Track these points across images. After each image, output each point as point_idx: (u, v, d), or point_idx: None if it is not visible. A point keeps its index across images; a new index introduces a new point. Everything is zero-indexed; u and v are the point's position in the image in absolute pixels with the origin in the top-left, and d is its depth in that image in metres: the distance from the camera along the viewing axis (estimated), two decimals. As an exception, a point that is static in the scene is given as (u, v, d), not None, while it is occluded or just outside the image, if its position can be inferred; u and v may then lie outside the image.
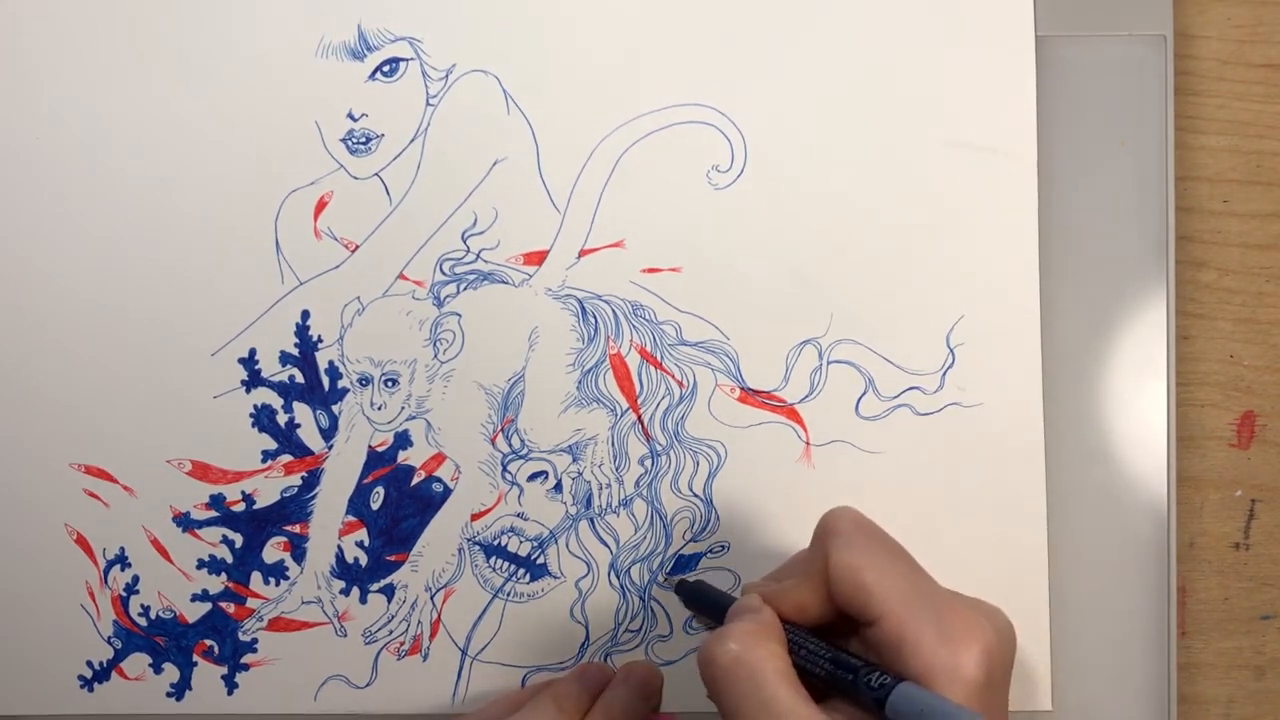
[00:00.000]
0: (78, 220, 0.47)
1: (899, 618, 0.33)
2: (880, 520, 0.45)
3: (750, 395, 0.46)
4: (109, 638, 0.47)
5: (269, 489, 0.47)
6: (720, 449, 0.46)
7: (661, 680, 0.44)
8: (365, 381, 0.46)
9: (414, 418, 0.46)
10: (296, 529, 0.47)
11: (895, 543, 0.36)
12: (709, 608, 0.40)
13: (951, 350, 0.45)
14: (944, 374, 0.45)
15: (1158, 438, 0.46)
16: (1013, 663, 0.34)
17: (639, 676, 0.43)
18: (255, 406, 0.47)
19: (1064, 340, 0.46)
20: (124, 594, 0.47)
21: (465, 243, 0.46)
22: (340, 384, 0.47)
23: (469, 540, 0.46)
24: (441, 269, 0.46)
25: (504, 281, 0.46)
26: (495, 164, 0.46)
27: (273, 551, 0.47)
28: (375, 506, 0.47)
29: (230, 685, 0.47)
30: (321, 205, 0.46)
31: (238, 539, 0.47)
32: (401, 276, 0.46)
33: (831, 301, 0.46)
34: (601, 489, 0.46)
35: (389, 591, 0.47)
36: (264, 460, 0.47)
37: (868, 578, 0.34)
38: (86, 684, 0.47)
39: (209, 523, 0.47)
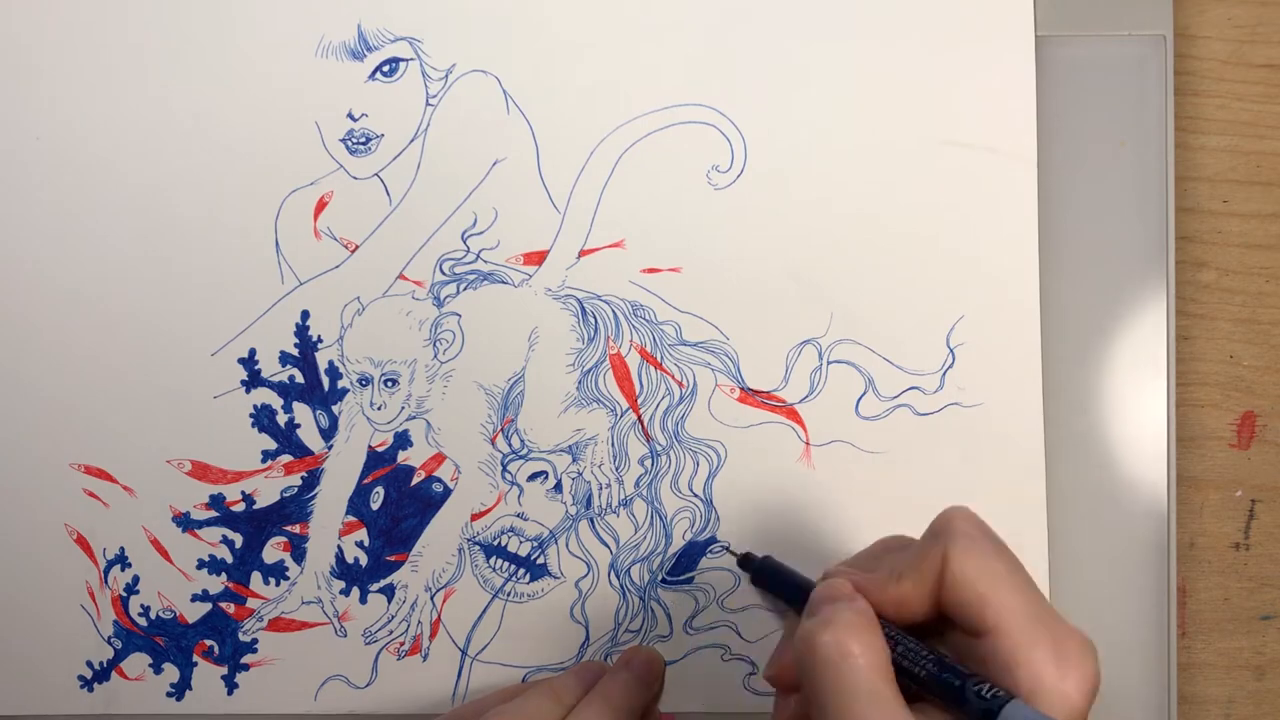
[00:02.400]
0: (78, 220, 0.47)
1: (1017, 633, 0.32)
2: (880, 520, 0.46)
3: (750, 395, 0.46)
4: (109, 638, 0.47)
5: (269, 489, 0.47)
6: (720, 449, 0.46)
7: (663, 665, 0.43)
8: (365, 381, 0.46)
9: (414, 418, 0.46)
10: (296, 529, 0.47)
11: (1013, 554, 0.34)
12: (782, 587, 0.39)
13: (951, 350, 0.45)
14: (944, 374, 0.45)
15: (1158, 438, 0.46)
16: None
17: (639, 662, 0.42)
18: (255, 406, 0.47)
19: (1064, 340, 0.46)
20: (124, 594, 0.47)
21: (465, 243, 0.46)
22: (340, 384, 0.47)
23: (469, 540, 0.46)
24: (441, 269, 0.46)
25: (504, 281, 0.46)
26: (495, 164, 0.46)
27: (273, 551, 0.47)
28: (375, 506, 0.47)
29: (230, 685, 0.47)
30: (321, 205, 0.46)
31: (238, 539, 0.47)
32: (401, 276, 0.46)
33: (831, 301, 0.46)
34: (601, 489, 0.46)
35: (389, 591, 0.47)
36: (264, 460, 0.47)
37: (990, 586, 0.32)
38: (86, 684, 0.47)
39: (209, 523, 0.47)
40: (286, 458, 0.47)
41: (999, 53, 0.45)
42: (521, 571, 0.46)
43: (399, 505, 0.47)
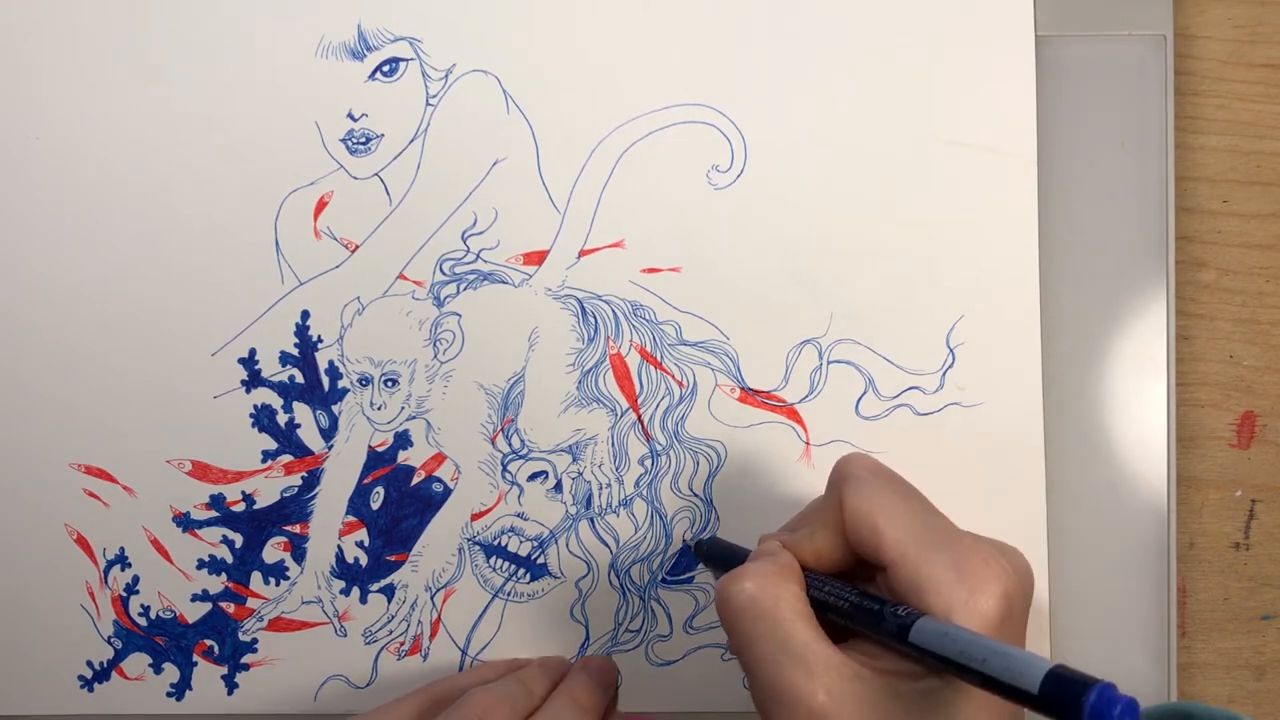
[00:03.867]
0: (78, 220, 0.47)
1: (914, 560, 0.33)
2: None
3: (750, 395, 0.46)
4: (109, 638, 0.47)
5: (269, 489, 0.47)
6: (720, 449, 0.46)
7: (616, 672, 0.45)
8: (365, 381, 0.46)
9: (414, 418, 0.46)
10: (296, 529, 0.47)
11: (910, 486, 0.36)
12: (726, 561, 0.40)
13: (951, 350, 0.45)
14: (944, 374, 0.45)
15: (1158, 438, 0.46)
16: (1030, 602, 0.34)
17: (596, 666, 0.44)
18: (255, 406, 0.47)
19: (1064, 340, 0.46)
20: (124, 594, 0.47)
21: (465, 243, 0.46)
22: (340, 384, 0.47)
23: (469, 540, 0.47)
24: (441, 269, 0.46)
25: (504, 281, 0.46)
26: (495, 164, 0.46)
27: (273, 551, 0.47)
28: (375, 506, 0.47)
29: (230, 685, 0.47)
30: (321, 205, 0.46)
31: (238, 539, 0.47)
32: (401, 276, 0.46)
33: (831, 301, 0.46)
34: (601, 489, 0.46)
35: (389, 591, 0.47)
36: (264, 460, 0.47)
37: (881, 521, 0.34)
38: (86, 684, 0.47)
39: (209, 523, 0.47)
40: (286, 458, 0.47)
41: (999, 53, 0.45)
42: (521, 571, 0.46)
43: (399, 505, 0.47)
